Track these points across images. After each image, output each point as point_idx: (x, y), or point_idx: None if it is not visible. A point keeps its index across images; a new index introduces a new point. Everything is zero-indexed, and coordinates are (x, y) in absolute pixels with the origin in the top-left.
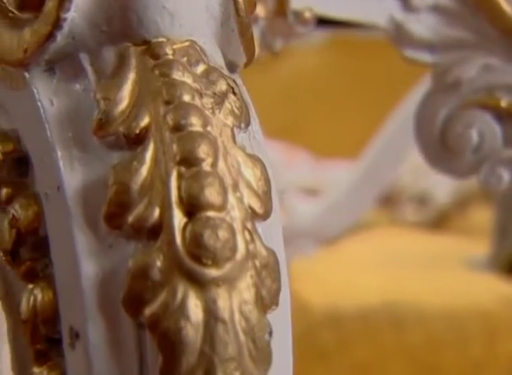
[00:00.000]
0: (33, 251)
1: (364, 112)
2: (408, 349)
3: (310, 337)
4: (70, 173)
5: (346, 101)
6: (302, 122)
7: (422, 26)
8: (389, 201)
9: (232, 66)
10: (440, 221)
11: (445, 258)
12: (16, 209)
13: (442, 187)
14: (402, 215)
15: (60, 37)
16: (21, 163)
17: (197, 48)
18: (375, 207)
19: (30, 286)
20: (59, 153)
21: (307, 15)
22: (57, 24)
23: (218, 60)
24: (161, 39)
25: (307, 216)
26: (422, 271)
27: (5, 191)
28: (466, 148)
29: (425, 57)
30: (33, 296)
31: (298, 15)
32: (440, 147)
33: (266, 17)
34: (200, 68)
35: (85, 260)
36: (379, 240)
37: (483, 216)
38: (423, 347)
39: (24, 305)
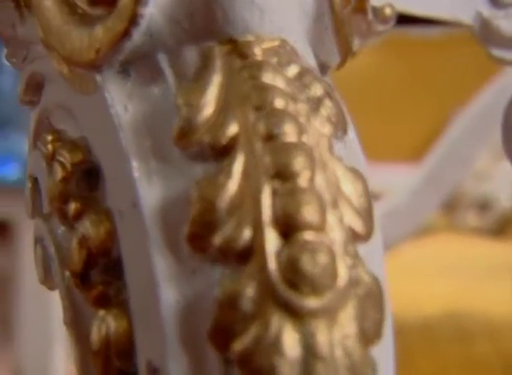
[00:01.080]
0: (104, 273)
1: (418, 114)
2: (475, 362)
3: None
4: (148, 188)
5: (399, 103)
6: (356, 124)
7: None
8: (449, 205)
9: (323, 68)
10: (503, 227)
11: (508, 266)
12: (86, 227)
13: (505, 191)
14: (463, 220)
15: (136, 35)
16: (90, 175)
17: (288, 47)
18: (435, 211)
19: (102, 312)
20: (135, 165)
21: (388, 12)
22: (133, 21)
23: (310, 61)
24: (249, 37)
25: None
26: (485, 279)
27: (73, 205)
28: None
29: None
30: (105, 324)
31: (378, 12)
32: None
33: None
34: (293, 70)
35: (165, 286)
36: (439, 246)
37: None
38: (491, 359)
39: (95, 334)
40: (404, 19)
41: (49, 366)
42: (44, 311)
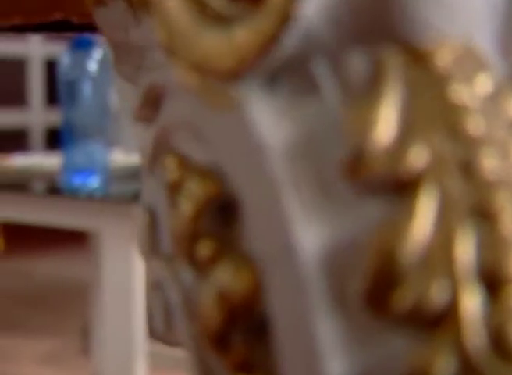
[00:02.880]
0: (247, 333)
1: None
2: None
3: None
4: (306, 229)
5: None
6: None
7: None
8: None
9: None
10: None
11: None
12: (225, 276)
13: None
14: None
15: (289, 39)
16: (224, 210)
17: (478, 55)
18: None
19: None
20: (289, 199)
21: None
22: (286, 21)
23: (501, 71)
24: (433, 42)
25: None
26: None
27: (206, 247)
28: None
29: None
30: None
31: None
32: None
33: None
34: (485, 85)
35: (331, 356)
36: None
37: None
38: None
39: None
40: None
41: None
42: (125, 322)
